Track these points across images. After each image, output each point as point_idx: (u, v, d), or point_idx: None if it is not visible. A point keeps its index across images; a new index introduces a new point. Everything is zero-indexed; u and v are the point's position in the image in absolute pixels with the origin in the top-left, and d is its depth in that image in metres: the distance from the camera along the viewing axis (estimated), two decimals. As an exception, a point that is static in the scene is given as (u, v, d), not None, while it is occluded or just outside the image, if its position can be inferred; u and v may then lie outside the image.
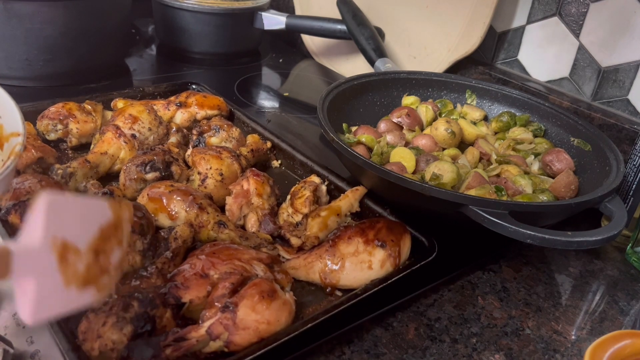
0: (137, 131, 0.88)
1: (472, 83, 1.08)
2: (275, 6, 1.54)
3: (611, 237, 0.68)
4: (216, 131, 0.93)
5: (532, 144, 0.96)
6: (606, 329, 0.71)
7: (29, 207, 0.67)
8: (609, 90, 1.05)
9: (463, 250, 0.80)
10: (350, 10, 1.28)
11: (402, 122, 0.98)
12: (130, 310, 0.54)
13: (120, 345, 0.52)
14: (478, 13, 1.16)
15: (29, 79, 1.11)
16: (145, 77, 1.29)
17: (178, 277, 0.60)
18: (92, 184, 0.78)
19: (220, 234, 0.71)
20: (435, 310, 0.70)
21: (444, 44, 1.22)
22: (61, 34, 1.07)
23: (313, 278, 0.69)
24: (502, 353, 0.65)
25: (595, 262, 0.84)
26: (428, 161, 0.86)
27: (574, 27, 1.07)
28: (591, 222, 0.88)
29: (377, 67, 1.18)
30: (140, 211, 0.68)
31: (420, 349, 0.64)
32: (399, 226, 0.72)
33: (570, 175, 0.84)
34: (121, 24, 1.22)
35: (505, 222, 0.67)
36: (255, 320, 0.56)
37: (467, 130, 0.98)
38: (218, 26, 1.38)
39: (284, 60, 1.51)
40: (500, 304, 0.73)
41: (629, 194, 0.84)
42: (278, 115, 1.19)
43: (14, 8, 1.01)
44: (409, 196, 0.74)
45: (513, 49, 1.20)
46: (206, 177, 0.81)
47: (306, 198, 0.78)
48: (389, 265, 0.68)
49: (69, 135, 0.90)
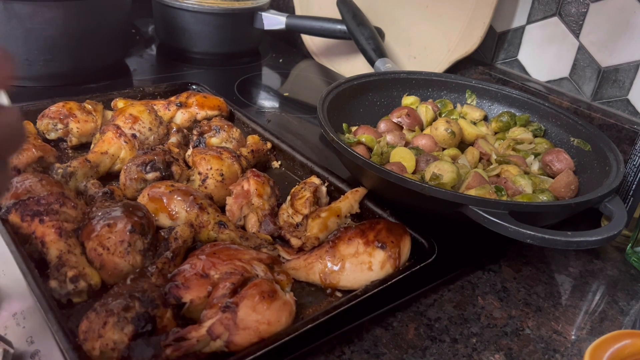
0: (138, 131, 0.88)
1: (472, 83, 1.08)
2: (275, 6, 1.54)
3: (611, 237, 0.68)
4: (216, 132, 0.93)
5: (532, 144, 0.96)
6: (606, 329, 0.71)
7: (29, 206, 0.67)
8: (609, 90, 1.05)
9: (463, 250, 0.80)
10: (350, 10, 1.28)
11: (402, 122, 0.98)
12: (131, 310, 0.54)
13: (121, 345, 0.52)
14: (478, 13, 1.16)
15: (29, 79, 1.11)
16: (145, 77, 1.29)
17: (179, 277, 0.60)
18: (92, 183, 0.78)
19: (221, 234, 0.72)
20: (435, 310, 0.70)
21: (444, 44, 1.22)
22: (61, 34, 1.07)
23: (313, 279, 0.69)
24: (502, 353, 0.65)
25: (595, 262, 0.84)
26: (428, 161, 0.86)
27: (574, 27, 1.07)
28: (591, 222, 0.88)
29: (377, 67, 1.18)
30: (140, 211, 0.68)
31: (420, 349, 0.64)
32: (399, 228, 0.72)
33: (570, 175, 0.85)
34: (121, 24, 1.22)
35: (505, 222, 0.67)
36: (256, 320, 0.56)
37: (467, 130, 0.98)
38: (218, 26, 1.38)
39: (284, 60, 1.51)
40: (500, 304, 0.73)
41: (629, 194, 0.84)
42: (278, 115, 1.19)
43: (14, 8, 1.01)
44: (409, 196, 0.74)
45: (513, 49, 1.20)
46: (207, 177, 0.81)
47: (306, 199, 0.78)
48: (389, 266, 0.68)
49: (69, 135, 0.90)
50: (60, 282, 0.60)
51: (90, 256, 0.64)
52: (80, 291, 0.61)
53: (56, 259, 0.63)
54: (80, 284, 0.61)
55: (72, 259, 0.63)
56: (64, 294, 0.60)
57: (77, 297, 0.61)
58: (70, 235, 0.66)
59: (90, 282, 0.62)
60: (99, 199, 0.74)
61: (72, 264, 0.62)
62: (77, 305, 0.61)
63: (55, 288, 0.60)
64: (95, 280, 0.63)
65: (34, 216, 0.66)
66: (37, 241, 0.65)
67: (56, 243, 0.64)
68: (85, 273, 0.62)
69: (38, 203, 0.68)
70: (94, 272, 0.63)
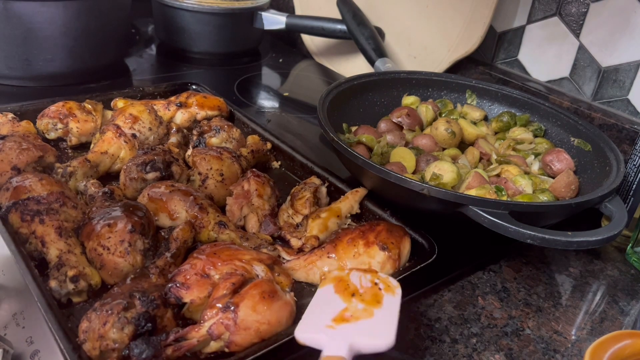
0: (138, 131, 0.88)
1: (472, 83, 1.08)
2: (275, 6, 1.54)
3: (611, 237, 0.68)
4: (216, 132, 0.93)
5: (532, 144, 0.96)
6: (606, 329, 0.71)
7: (29, 206, 0.67)
8: (609, 90, 1.05)
9: (463, 250, 0.80)
10: (350, 10, 1.28)
11: (402, 122, 0.98)
12: (131, 310, 0.54)
13: (121, 345, 0.52)
14: (478, 13, 1.16)
15: (29, 79, 1.11)
16: (145, 77, 1.29)
17: (179, 277, 0.60)
18: (92, 183, 0.78)
19: (221, 235, 0.71)
20: (435, 310, 0.70)
21: (444, 44, 1.22)
22: (61, 34, 1.07)
23: (313, 279, 0.69)
24: (502, 353, 0.65)
25: (595, 262, 0.84)
26: (428, 161, 0.86)
27: (574, 27, 1.07)
28: (591, 222, 0.88)
29: (377, 67, 1.18)
30: (140, 211, 0.68)
31: (420, 349, 0.64)
32: (399, 229, 0.72)
33: (570, 175, 0.84)
34: (121, 24, 1.22)
35: (505, 222, 0.67)
36: (256, 320, 0.56)
37: (467, 130, 0.98)
38: (218, 26, 1.38)
39: (284, 60, 1.51)
40: (501, 304, 0.73)
41: (629, 194, 0.84)
42: (278, 115, 1.19)
43: (14, 8, 1.01)
44: (409, 196, 0.74)
45: (513, 49, 1.20)
46: (207, 177, 0.81)
47: (306, 199, 0.78)
48: (389, 267, 0.68)
49: (69, 134, 0.90)
50: (60, 282, 0.60)
51: (90, 256, 0.64)
52: (80, 291, 0.61)
53: (56, 258, 0.63)
54: (80, 284, 0.61)
55: (72, 258, 0.63)
56: (64, 294, 0.60)
57: (77, 297, 0.61)
58: (70, 235, 0.66)
59: (90, 282, 0.62)
60: (99, 198, 0.74)
61: (72, 264, 0.62)
62: (77, 305, 0.61)
63: (55, 288, 0.60)
64: (95, 280, 0.63)
65: (34, 216, 0.66)
66: (37, 241, 0.65)
67: (56, 243, 0.64)
68: (85, 273, 0.62)
69: (38, 203, 0.68)
70: (94, 272, 0.63)
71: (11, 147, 0.78)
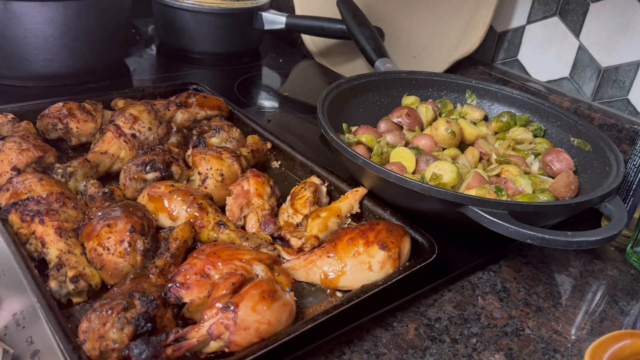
0: (138, 131, 0.88)
1: (472, 83, 1.08)
2: (275, 6, 1.54)
3: (611, 237, 0.68)
4: (216, 131, 0.93)
5: (532, 144, 0.96)
6: (606, 329, 0.71)
7: (29, 206, 0.67)
8: (609, 90, 1.05)
9: (463, 250, 0.80)
10: (350, 10, 1.28)
11: (402, 122, 0.98)
12: (131, 310, 0.54)
13: (121, 345, 0.52)
14: (478, 13, 1.16)
15: (29, 79, 1.11)
16: (145, 77, 1.29)
17: (179, 277, 0.60)
18: (92, 183, 0.78)
19: (221, 235, 0.72)
20: (435, 310, 0.70)
21: (444, 44, 1.22)
22: (61, 34, 1.07)
23: (313, 279, 0.69)
24: (502, 353, 0.65)
25: (595, 262, 0.84)
26: (428, 161, 0.86)
27: (574, 27, 1.07)
28: (591, 222, 0.88)
29: (377, 67, 1.18)
30: (140, 211, 0.68)
31: (420, 349, 0.64)
32: (399, 228, 0.72)
33: (570, 175, 0.84)
34: (121, 24, 1.22)
35: (505, 222, 0.67)
36: (256, 320, 0.56)
37: (467, 130, 0.98)
38: (218, 26, 1.38)
39: (284, 60, 1.51)
40: (500, 304, 0.73)
41: (629, 194, 0.84)
42: (278, 115, 1.19)
43: (14, 8, 1.01)
44: (409, 196, 0.74)
45: (513, 49, 1.20)
46: (206, 177, 0.81)
47: (306, 199, 0.78)
48: (389, 266, 0.68)
49: (69, 135, 0.90)
50: (60, 282, 0.60)
51: (90, 256, 0.64)
52: (80, 291, 0.61)
53: (56, 259, 0.63)
54: (80, 284, 0.61)
55: (72, 259, 0.63)
56: (64, 294, 0.60)
57: (77, 297, 0.61)
58: (70, 235, 0.66)
59: (90, 282, 0.62)
60: (99, 199, 0.74)
61: (72, 264, 0.62)
62: (77, 305, 0.61)
63: (55, 288, 0.60)
64: (95, 280, 0.63)
65: (34, 216, 0.66)
66: (37, 241, 0.65)
67: (56, 243, 0.64)
68: (85, 273, 0.62)
69: (38, 203, 0.68)
70: (94, 272, 0.63)
71: (11, 147, 0.78)
